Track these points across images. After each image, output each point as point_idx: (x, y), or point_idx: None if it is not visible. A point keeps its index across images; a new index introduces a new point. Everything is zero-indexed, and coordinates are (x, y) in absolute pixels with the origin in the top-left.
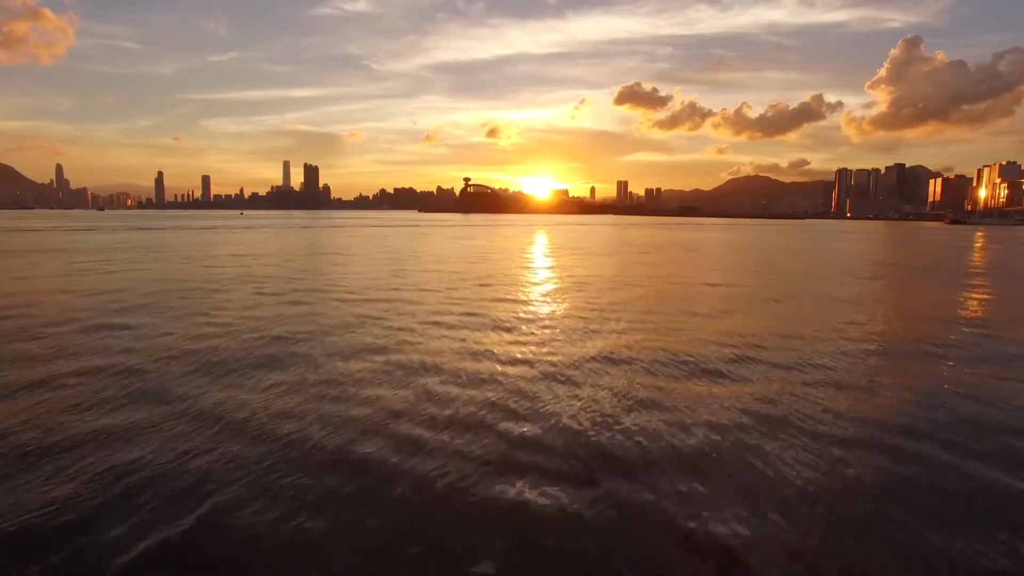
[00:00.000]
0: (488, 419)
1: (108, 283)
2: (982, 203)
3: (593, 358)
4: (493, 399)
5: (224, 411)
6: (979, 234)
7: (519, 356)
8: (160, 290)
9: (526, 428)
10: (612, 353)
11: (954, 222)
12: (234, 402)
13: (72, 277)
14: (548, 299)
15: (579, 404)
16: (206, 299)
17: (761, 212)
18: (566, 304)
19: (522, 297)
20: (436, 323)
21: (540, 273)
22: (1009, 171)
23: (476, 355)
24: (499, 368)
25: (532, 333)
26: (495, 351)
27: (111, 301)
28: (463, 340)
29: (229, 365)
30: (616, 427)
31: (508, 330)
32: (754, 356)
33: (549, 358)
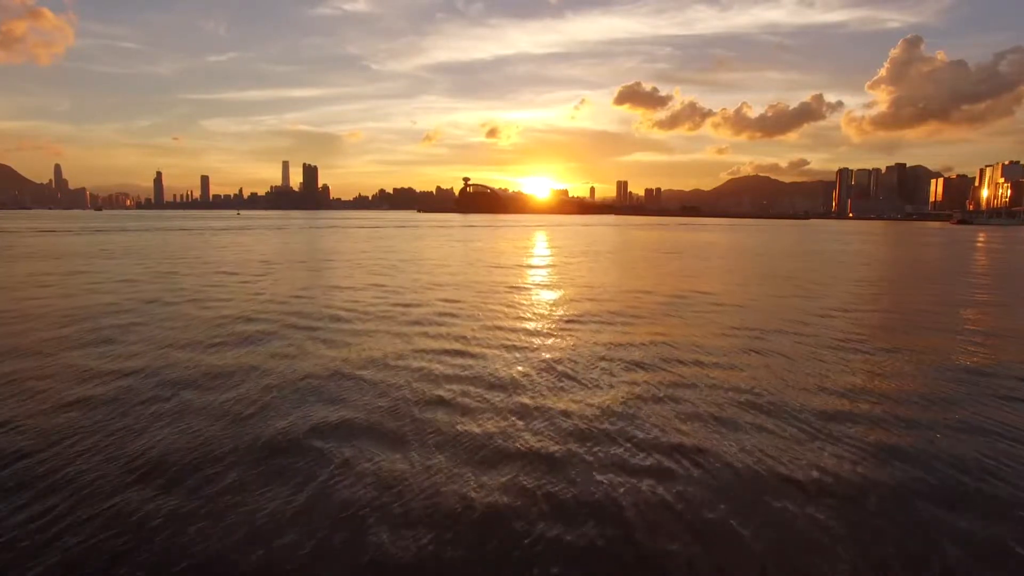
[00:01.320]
0: None
1: (18, 303)
2: (985, 203)
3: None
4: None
5: None
6: (991, 235)
7: (543, 438)
8: (76, 312)
9: None
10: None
11: (961, 222)
12: None
13: None
14: (572, 326)
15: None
16: (122, 327)
17: (762, 212)
18: (593, 333)
19: (541, 328)
20: (423, 369)
21: (553, 288)
22: (1012, 171)
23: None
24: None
25: (565, 389)
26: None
27: None
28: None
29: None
30: None
31: (526, 383)
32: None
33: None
